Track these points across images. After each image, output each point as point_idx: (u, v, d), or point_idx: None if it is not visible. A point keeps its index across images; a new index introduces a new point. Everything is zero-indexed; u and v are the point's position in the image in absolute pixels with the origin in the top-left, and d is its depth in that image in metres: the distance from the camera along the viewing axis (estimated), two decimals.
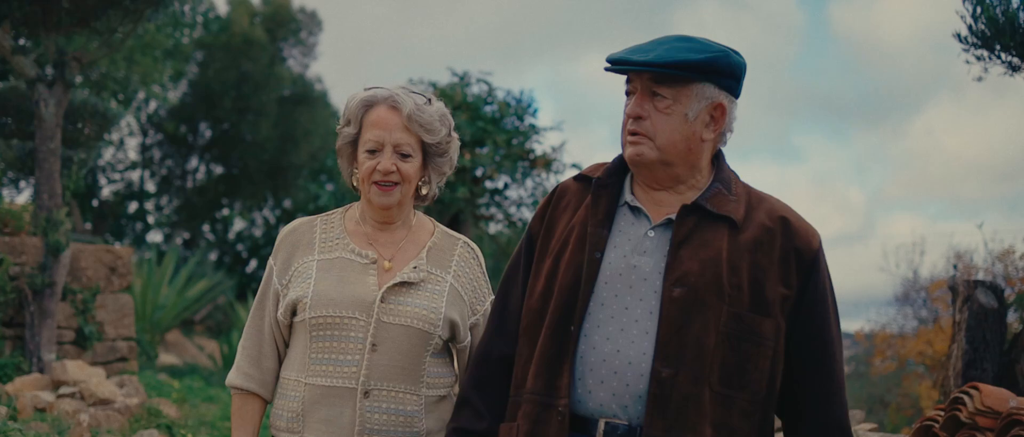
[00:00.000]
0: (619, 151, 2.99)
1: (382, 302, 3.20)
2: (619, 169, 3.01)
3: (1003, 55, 7.40)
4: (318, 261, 3.30)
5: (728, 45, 2.88)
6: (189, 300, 17.76)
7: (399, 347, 3.20)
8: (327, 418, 3.19)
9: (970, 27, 7.43)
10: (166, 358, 16.50)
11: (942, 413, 4.87)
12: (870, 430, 5.71)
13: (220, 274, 21.70)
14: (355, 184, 3.36)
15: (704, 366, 2.74)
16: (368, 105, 3.27)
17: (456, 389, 3.36)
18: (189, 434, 8.25)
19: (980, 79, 7.52)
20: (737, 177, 2.98)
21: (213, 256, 26.57)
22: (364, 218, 3.38)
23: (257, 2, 27.74)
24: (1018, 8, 7.18)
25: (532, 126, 16.17)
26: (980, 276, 17.66)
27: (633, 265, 2.85)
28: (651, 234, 2.88)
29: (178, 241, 26.04)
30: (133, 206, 27.29)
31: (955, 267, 17.53)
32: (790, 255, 2.85)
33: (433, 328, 3.22)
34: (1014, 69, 7.36)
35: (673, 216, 2.88)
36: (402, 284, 3.24)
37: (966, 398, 4.74)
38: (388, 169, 3.23)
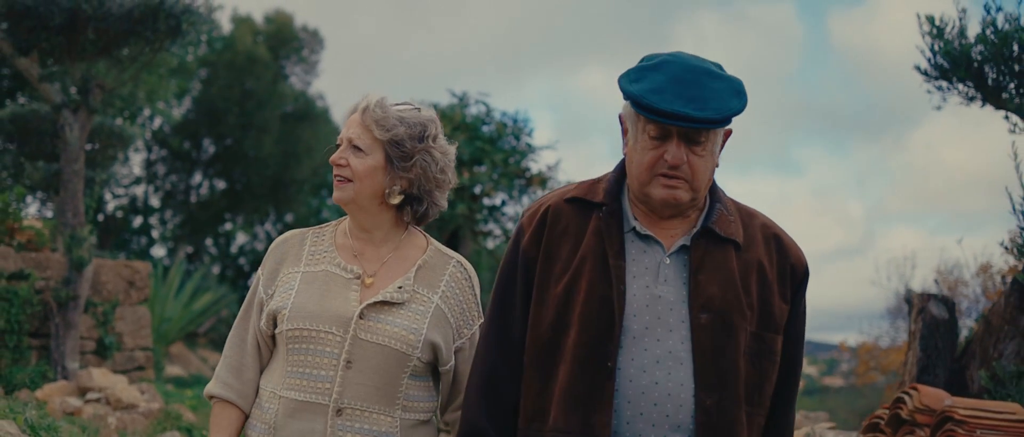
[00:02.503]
0: (613, 169, 3.02)
1: (360, 318, 3.12)
2: (618, 191, 2.98)
3: (960, 86, 8.00)
4: (303, 273, 3.24)
5: (727, 59, 2.98)
6: (194, 313, 18.03)
7: (374, 366, 3.12)
8: (299, 433, 3.12)
9: (929, 60, 8.02)
10: (171, 370, 16.72)
11: (887, 412, 5.47)
12: (828, 428, 6.28)
13: (224, 287, 21.97)
14: None
15: (739, 388, 2.78)
16: (350, 111, 3.26)
17: (437, 414, 3.32)
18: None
19: (939, 108, 8.12)
20: (725, 193, 3.01)
21: (216, 270, 26.80)
22: (350, 230, 3.32)
23: (260, 21, 28.12)
24: (972, 44, 7.77)
25: (528, 145, 16.65)
26: (966, 289, 18.24)
27: (657, 295, 2.83)
28: (667, 261, 2.87)
29: (181, 255, 26.14)
30: (138, 221, 27.51)
31: (936, 281, 18.11)
32: (786, 272, 2.92)
33: (411, 349, 3.13)
34: (970, 99, 7.96)
35: (685, 242, 2.88)
36: (384, 303, 3.15)
37: (907, 398, 5.34)
38: (337, 161, 3.21)
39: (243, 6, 37.17)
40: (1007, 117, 7.62)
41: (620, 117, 2.94)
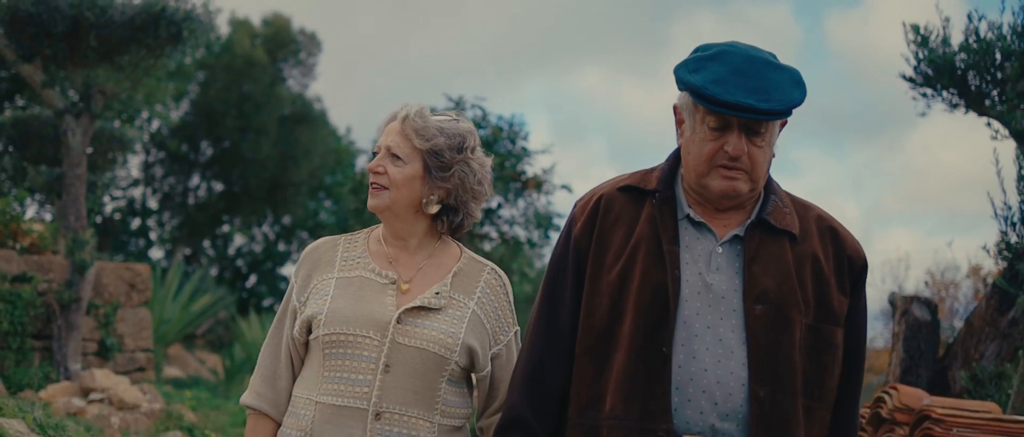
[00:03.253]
0: (663, 158, 3.01)
1: (398, 323, 3.11)
2: (671, 178, 2.97)
3: (944, 94, 8.19)
4: (337, 279, 3.23)
5: None
6: (193, 315, 18.12)
7: (413, 370, 3.10)
8: None
9: (915, 68, 8.21)
10: (169, 371, 16.89)
11: (868, 411, 5.66)
12: None
13: (222, 289, 22.03)
14: None
15: (795, 381, 2.74)
16: (389, 119, 3.28)
17: (472, 420, 3.31)
18: (212, 434, 9.06)
19: (924, 114, 8.31)
20: (779, 186, 3.00)
21: (213, 272, 26.76)
22: (384, 237, 3.31)
23: (258, 23, 28.14)
24: (956, 52, 7.96)
25: (524, 149, 16.80)
26: (957, 291, 18.43)
27: (709, 283, 2.81)
28: (719, 250, 2.86)
29: (179, 257, 26.25)
30: (136, 223, 27.58)
31: (927, 284, 18.31)
32: (843, 264, 2.89)
33: (449, 353, 3.11)
34: (953, 106, 8.14)
35: (739, 232, 2.87)
36: (421, 308, 3.14)
37: (887, 397, 5.53)
38: (375, 168, 3.20)
39: (241, 9, 37.23)
40: (989, 124, 7.80)
41: (675, 108, 2.92)
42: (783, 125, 2.88)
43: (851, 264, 2.89)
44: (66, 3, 10.42)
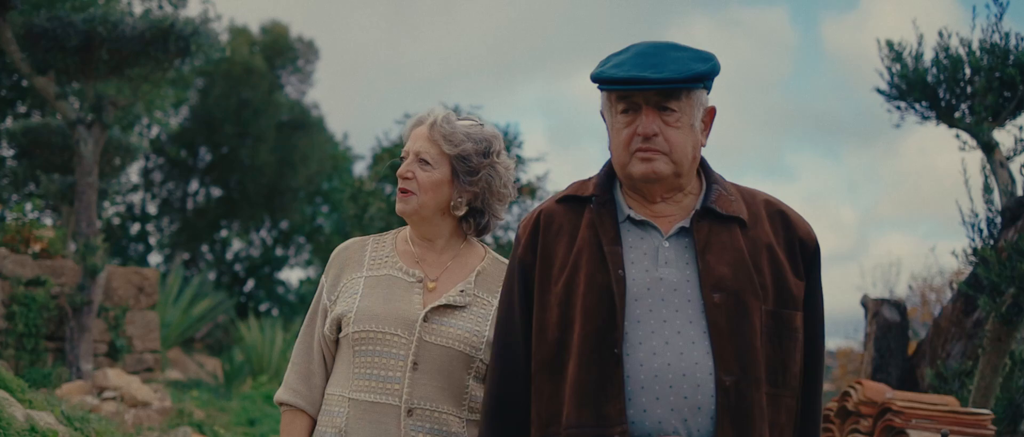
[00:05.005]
0: (601, 167, 2.96)
1: (425, 321, 3.16)
2: (609, 184, 2.92)
3: (916, 106, 8.61)
4: (366, 278, 3.28)
5: (720, 61, 2.86)
6: (193, 319, 18.34)
7: (440, 368, 3.14)
8: (372, 434, 3.14)
9: (888, 82, 8.63)
10: (170, 374, 16.80)
11: (835, 404, 6.10)
12: None
13: (221, 294, 22.20)
14: None
15: (759, 368, 2.69)
16: (415, 124, 3.32)
17: None
18: (221, 430, 9.50)
19: (898, 126, 8.74)
20: (722, 176, 2.95)
21: (212, 276, 27.01)
22: (411, 238, 3.35)
23: (256, 31, 28.44)
24: (927, 68, 8.37)
25: (518, 156, 17.17)
26: (942, 295, 18.85)
27: (659, 278, 2.75)
28: (667, 244, 2.80)
29: (178, 262, 26.23)
30: (135, 228, 27.82)
31: (911, 287, 18.77)
32: (796, 247, 2.84)
33: (474, 351, 3.16)
34: (925, 118, 8.56)
35: (684, 224, 2.81)
36: (447, 306, 3.19)
37: (852, 391, 5.97)
38: (404, 174, 3.24)
39: (239, 17, 37.54)
40: (958, 136, 8.20)
41: (601, 113, 2.91)
42: (711, 113, 2.86)
43: (804, 247, 2.85)
44: (79, 19, 10.90)
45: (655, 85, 2.71)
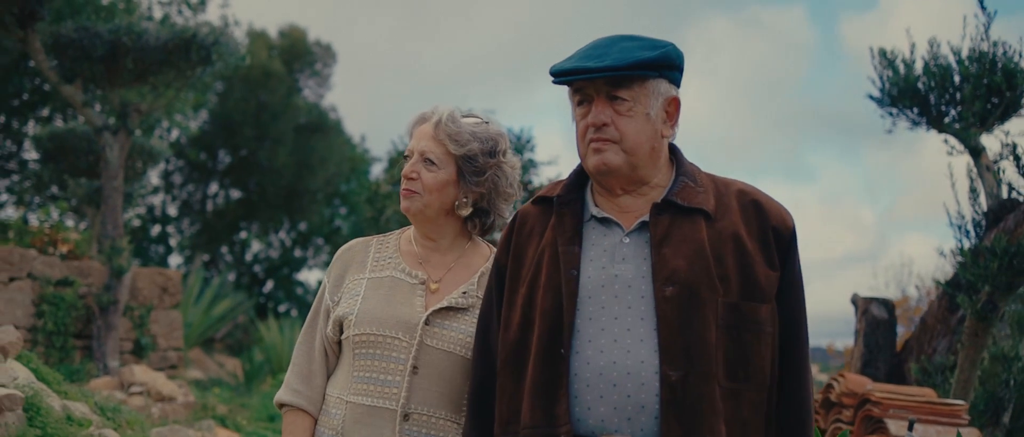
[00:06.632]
0: (573, 167, 2.94)
1: (426, 324, 3.11)
2: (578, 184, 2.90)
3: (907, 113, 8.94)
4: (368, 279, 3.23)
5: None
6: (213, 319, 18.62)
7: (441, 372, 3.10)
8: None
9: (880, 88, 8.97)
10: (191, 373, 16.99)
11: (820, 396, 6.46)
12: None
13: (240, 294, 22.41)
14: None
15: (711, 362, 2.60)
16: (419, 121, 3.27)
17: None
18: (243, 422, 9.92)
19: (890, 131, 9.07)
20: (699, 169, 2.88)
21: (231, 277, 27.18)
22: (415, 238, 3.31)
23: (274, 35, 28.68)
24: (918, 76, 8.70)
25: (530, 160, 17.43)
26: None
27: (614, 275, 2.72)
28: (626, 240, 2.76)
29: (198, 263, 26.20)
30: (156, 229, 28.00)
31: (917, 286, 19.04)
32: (768, 237, 2.75)
33: None
34: (916, 124, 8.90)
35: (646, 218, 2.76)
36: (449, 309, 3.13)
37: (835, 384, 6.35)
38: (408, 174, 3.19)
39: (258, 22, 37.85)
40: (946, 141, 8.53)
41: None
42: (673, 104, 2.82)
43: (777, 235, 2.77)
44: (105, 29, 11.32)
45: (596, 74, 2.69)
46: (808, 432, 2.78)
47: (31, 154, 20.38)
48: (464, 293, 3.17)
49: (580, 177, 2.91)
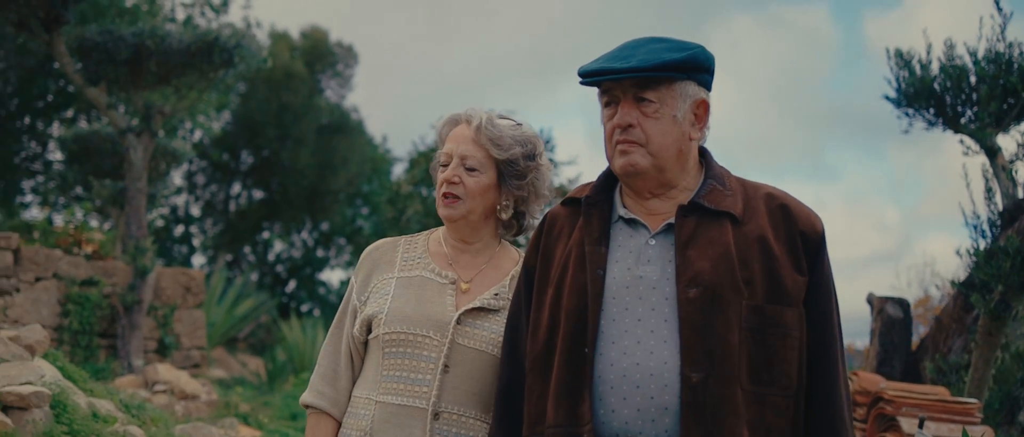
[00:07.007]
0: (604, 168, 2.92)
1: (458, 324, 3.09)
2: (607, 185, 2.90)
3: (924, 113, 8.99)
4: (397, 279, 3.21)
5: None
6: (236, 318, 18.62)
7: (471, 371, 3.08)
8: None
9: (896, 89, 9.02)
10: (214, 373, 17.03)
11: None
12: None
13: (263, 294, 22.37)
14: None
15: (733, 365, 2.60)
16: (453, 124, 3.24)
17: None
18: (265, 419, 10.05)
19: (907, 132, 9.12)
20: (729, 172, 2.87)
21: (254, 277, 27.12)
22: (446, 239, 3.29)
23: (296, 36, 28.70)
24: (934, 78, 8.75)
25: (550, 160, 17.51)
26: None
27: (639, 276, 2.72)
28: (652, 242, 2.75)
29: (221, 263, 26.62)
30: (179, 230, 28.05)
31: (937, 286, 19.03)
32: (796, 241, 2.73)
33: None
34: (932, 124, 8.95)
35: (672, 220, 2.75)
36: (481, 309, 3.12)
37: (849, 382, 6.41)
38: (450, 179, 3.15)
39: (280, 23, 37.96)
40: (962, 141, 8.58)
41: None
42: (703, 106, 2.82)
43: (805, 239, 2.75)
44: (129, 32, 11.49)
45: (623, 75, 2.70)
46: None
47: (56, 155, 20.65)
48: (496, 294, 3.15)
49: (609, 178, 2.91)
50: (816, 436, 2.71)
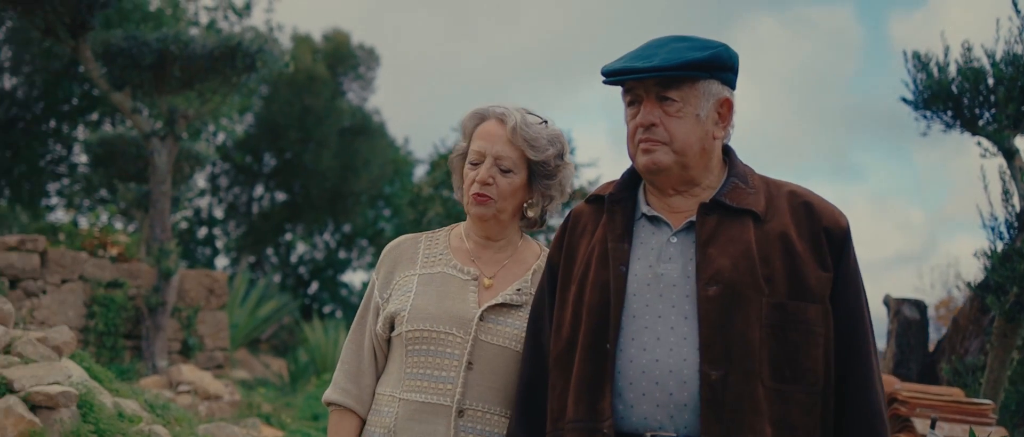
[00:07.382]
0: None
1: (481, 320, 3.08)
2: (630, 183, 2.91)
3: (941, 115, 9.00)
4: (419, 276, 3.20)
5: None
6: (259, 320, 18.74)
7: (495, 368, 3.07)
8: (421, 435, 3.06)
9: (914, 91, 9.03)
10: (236, 373, 17.05)
11: None
12: None
13: (285, 296, 22.50)
14: (462, 198, 3.27)
15: (753, 362, 2.60)
16: (479, 119, 3.22)
17: None
18: (288, 420, 10.17)
19: (925, 134, 9.13)
20: (752, 171, 2.88)
21: (277, 279, 27.31)
22: (468, 235, 3.28)
23: (319, 39, 28.82)
24: (951, 80, 8.76)
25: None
26: None
27: (660, 273, 2.73)
28: (674, 240, 2.76)
29: (244, 264, 26.94)
30: (202, 232, 28.22)
31: (958, 287, 19.01)
32: (820, 237, 2.72)
33: None
34: (949, 126, 8.96)
35: (693, 218, 2.76)
36: (504, 305, 3.11)
37: None
38: (485, 180, 3.13)
39: (302, 26, 38.08)
40: (979, 143, 8.58)
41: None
42: (726, 105, 2.83)
43: (830, 236, 2.74)
44: (153, 38, 11.63)
45: (645, 74, 2.71)
46: None
47: (81, 158, 20.82)
48: (518, 290, 3.15)
49: (633, 176, 2.92)
50: (846, 434, 2.68)
